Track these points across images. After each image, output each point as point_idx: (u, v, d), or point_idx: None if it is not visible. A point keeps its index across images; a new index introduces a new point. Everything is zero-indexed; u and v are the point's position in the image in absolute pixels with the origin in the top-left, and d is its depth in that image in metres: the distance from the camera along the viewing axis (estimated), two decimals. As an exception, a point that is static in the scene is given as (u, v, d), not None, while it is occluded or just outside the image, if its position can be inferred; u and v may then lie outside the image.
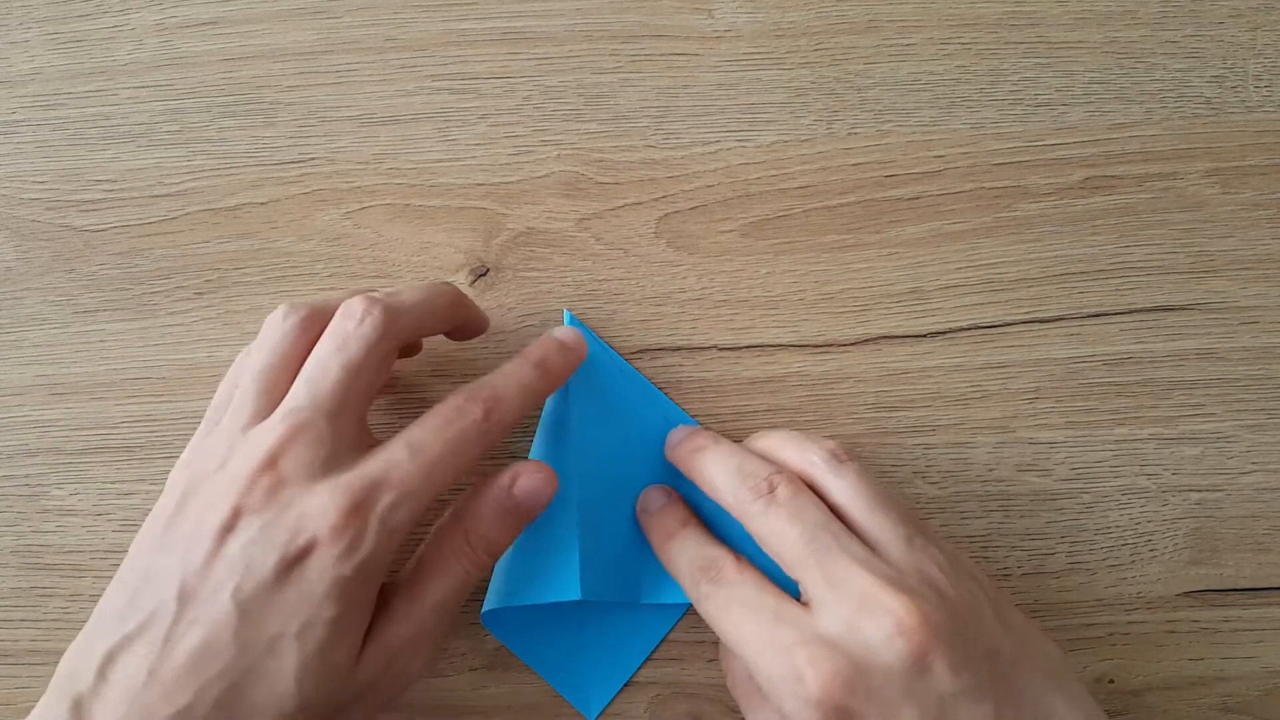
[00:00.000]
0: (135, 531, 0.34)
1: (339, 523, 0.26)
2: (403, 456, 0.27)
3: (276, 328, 0.30)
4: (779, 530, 0.28)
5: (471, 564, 0.29)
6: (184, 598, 0.26)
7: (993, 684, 0.26)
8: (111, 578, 0.28)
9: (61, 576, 0.35)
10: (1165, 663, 0.34)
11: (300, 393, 0.28)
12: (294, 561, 0.26)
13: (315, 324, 0.30)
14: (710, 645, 0.34)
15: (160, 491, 0.35)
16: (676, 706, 0.34)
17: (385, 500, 0.27)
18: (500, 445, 0.35)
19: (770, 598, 0.28)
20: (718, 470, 0.31)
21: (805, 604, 0.28)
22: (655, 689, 0.34)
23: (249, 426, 0.28)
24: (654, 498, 0.33)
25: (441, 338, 0.34)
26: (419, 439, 0.28)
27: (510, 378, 0.30)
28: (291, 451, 0.27)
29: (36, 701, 0.26)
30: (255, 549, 0.26)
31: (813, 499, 0.29)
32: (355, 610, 0.27)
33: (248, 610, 0.25)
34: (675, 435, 0.34)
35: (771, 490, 0.29)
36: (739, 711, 0.33)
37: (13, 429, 0.35)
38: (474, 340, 0.35)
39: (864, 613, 0.26)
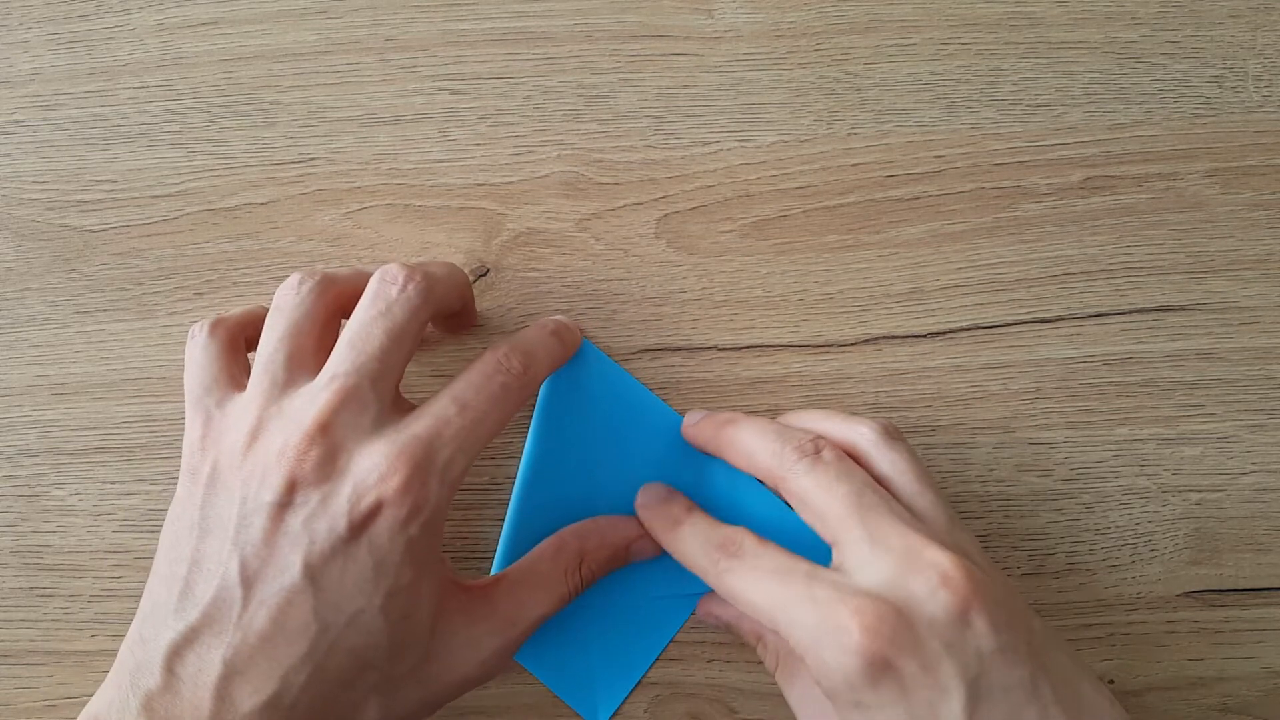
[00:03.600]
0: (135, 531, 0.34)
1: (403, 483, 0.25)
2: (452, 412, 0.27)
3: (293, 294, 0.29)
4: (826, 485, 0.28)
5: (575, 589, 0.31)
6: (248, 580, 0.25)
7: (1029, 653, 0.26)
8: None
9: (61, 576, 0.35)
10: (1165, 663, 0.34)
11: (344, 357, 0.27)
12: (360, 527, 0.25)
13: (330, 290, 0.29)
14: (710, 645, 0.34)
15: (162, 490, 0.35)
16: (676, 706, 0.34)
17: (443, 456, 0.26)
18: (496, 444, 0.35)
19: (801, 563, 0.27)
20: (754, 436, 0.30)
21: (837, 569, 0.27)
22: (655, 689, 0.34)
23: (278, 395, 0.27)
24: (653, 492, 0.33)
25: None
26: (464, 394, 0.28)
27: (535, 341, 0.31)
28: (341, 418, 0.26)
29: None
30: (319, 521, 0.25)
31: (857, 465, 0.29)
32: (428, 571, 0.27)
33: (321, 583, 0.25)
34: (694, 415, 0.33)
35: (817, 451, 0.29)
36: (739, 711, 0.33)
37: (13, 429, 0.35)
38: (470, 342, 0.35)
39: (908, 567, 0.26)
